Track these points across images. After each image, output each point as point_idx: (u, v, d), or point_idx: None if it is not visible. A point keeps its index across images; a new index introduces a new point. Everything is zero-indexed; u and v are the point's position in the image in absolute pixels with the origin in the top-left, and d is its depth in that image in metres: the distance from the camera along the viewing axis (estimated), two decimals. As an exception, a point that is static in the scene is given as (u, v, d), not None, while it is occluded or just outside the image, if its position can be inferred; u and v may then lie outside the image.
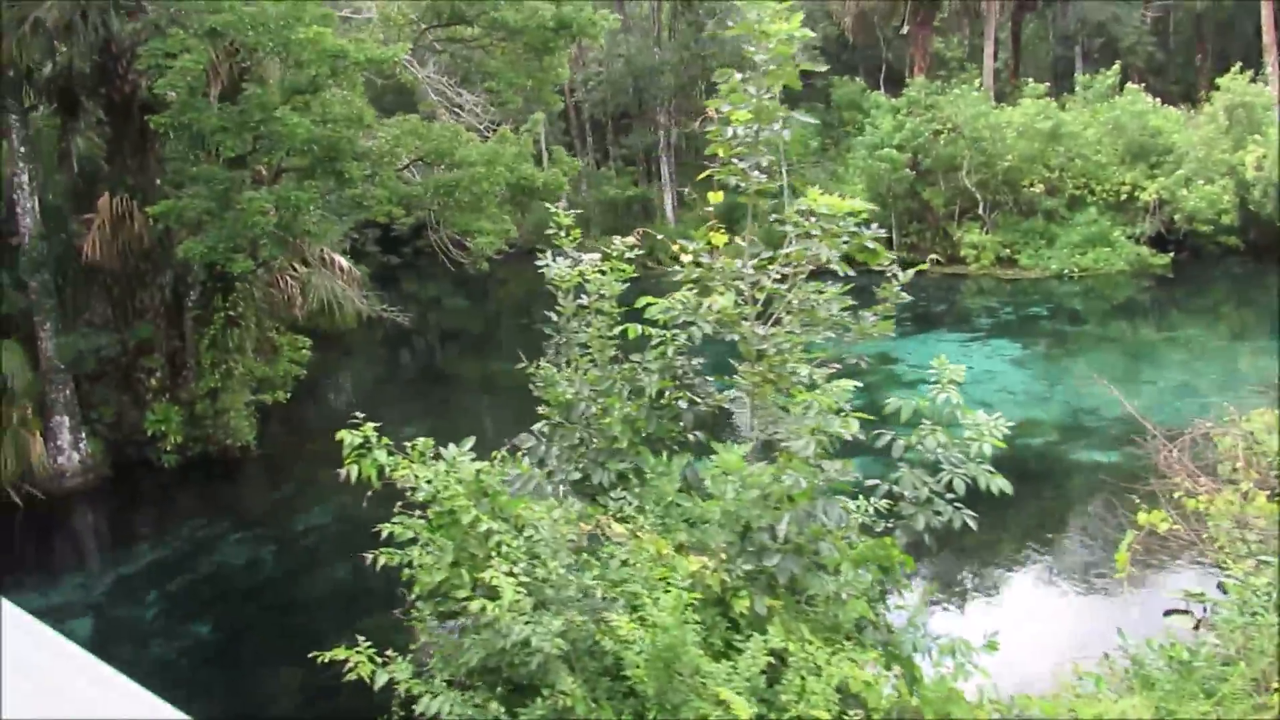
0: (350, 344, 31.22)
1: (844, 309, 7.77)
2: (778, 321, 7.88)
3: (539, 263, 8.26)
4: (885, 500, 7.73)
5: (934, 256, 36.92)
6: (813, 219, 7.87)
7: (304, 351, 24.11)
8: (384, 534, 5.77)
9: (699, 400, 7.92)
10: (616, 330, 8.21)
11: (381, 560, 5.62)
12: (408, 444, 6.40)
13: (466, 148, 18.07)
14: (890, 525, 7.71)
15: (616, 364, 8.13)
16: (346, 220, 19.60)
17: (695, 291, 8.08)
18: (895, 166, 38.93)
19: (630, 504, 6.86)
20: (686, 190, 50.88)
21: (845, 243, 7.54)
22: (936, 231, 41.65)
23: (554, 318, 8.40)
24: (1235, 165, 36.15)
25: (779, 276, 7.98)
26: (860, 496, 7.96)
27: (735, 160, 8.03)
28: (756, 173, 8.04)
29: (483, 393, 30.02)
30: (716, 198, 8.39)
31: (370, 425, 6.13)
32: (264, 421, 22.45)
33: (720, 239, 8.12)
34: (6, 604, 2.48)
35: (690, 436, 7.98)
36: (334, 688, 13.32)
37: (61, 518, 19.71)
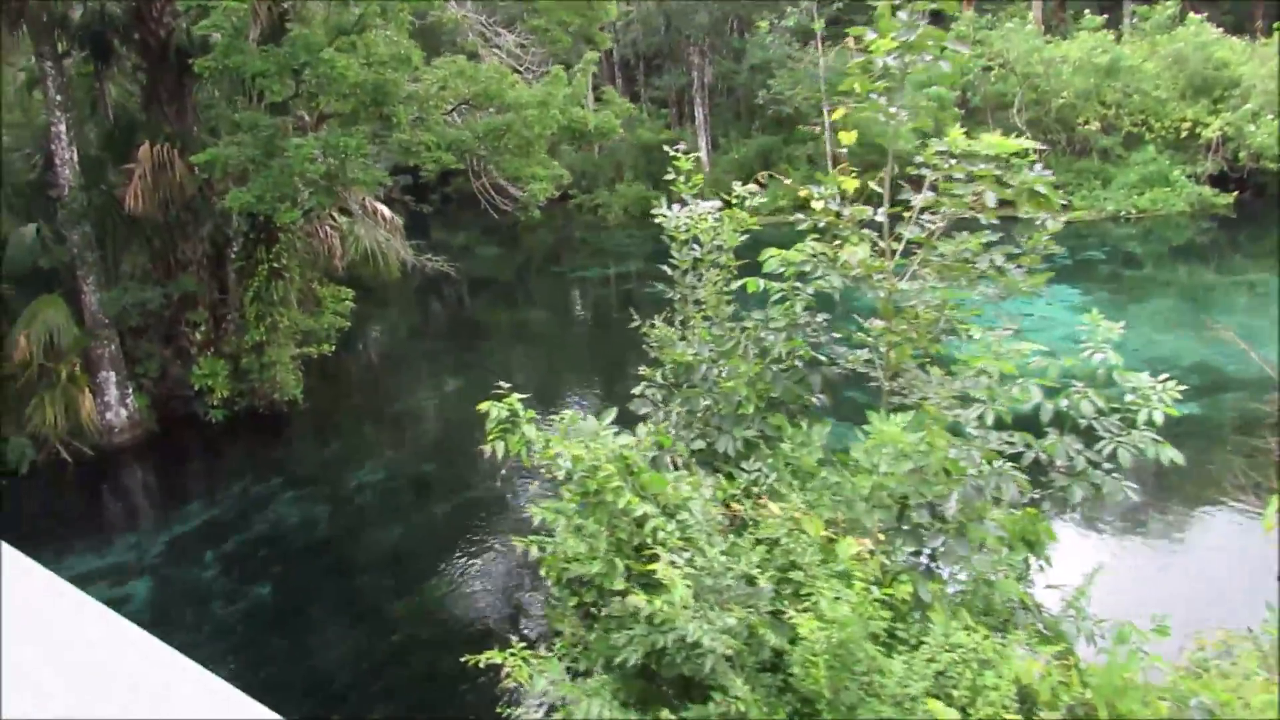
0: (385, 294, 30.63)
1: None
2: (913, 275, 7.15)
3: (655, 212, 7.52)
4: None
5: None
6: (953, 161, 7.07)
7: (347, 303, 23.54)
8: (535, 519, 5.09)
9: (829, 361, 7.22)
10: (735, 285, 7.51)
11: (534, 550, 4.94)
12: (554, 418, 5.72)
13: (517, 90, 17.21)
14: (1035, 497, 7.05)
15: (735, 322, 7.45)
16: (384, 167, 18.78)
17: (822, 242, 7.35)
18: (944, 105, 37.59)
19: (767, 476, 6.22)
20: (723, 133, 49.73)
21: (1009, 187, 6.74)
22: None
23: (668, 271, 7.67)
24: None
25: (919, 225, 7.22)
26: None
27: (873, 95, 7.18)
28: (900, 110, 7.17)
29: (522, 342, 29.46)
30: (849, 138, 7.60)
31: (515, 397, 5.44)
32: (307, 375, 21.98)
33: (852, 184, 7.35)
34: (6, 548, 2.41)
35: (815, 400, 7.30)
36: (401, 652, 13.00)
37: (111, 474, 19.37)
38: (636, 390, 7.96)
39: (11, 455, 18.17)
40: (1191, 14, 38.84)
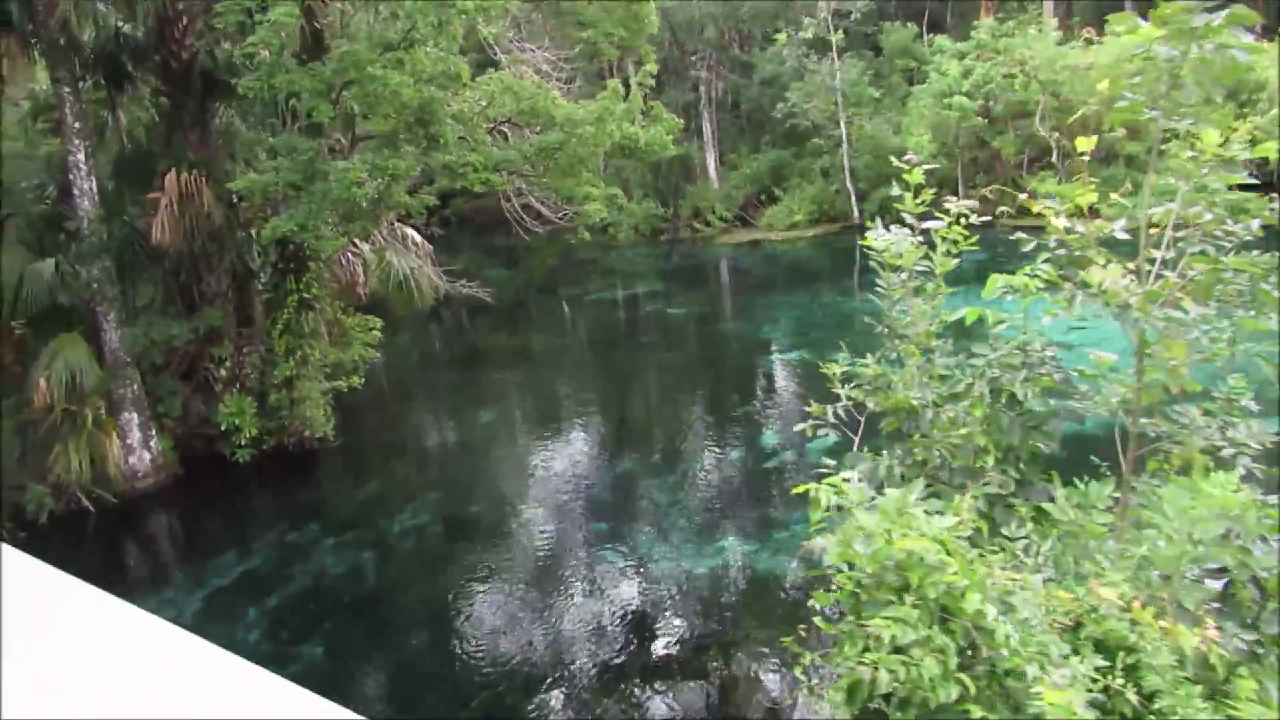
0: (396, 322, 29.49)
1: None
2: (1170, 300, 6.12)
3: (870, 232, 6.49)
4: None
5: (1004, 209, 34.50)
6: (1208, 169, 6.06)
7: (374, 333, 22.40)
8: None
9: (1071, 404, 6.17)
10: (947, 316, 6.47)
11: (884, 677, 3.81)
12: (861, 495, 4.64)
13: (565, 106, 16.20)
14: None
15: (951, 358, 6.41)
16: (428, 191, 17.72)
17: (1057, 266, 6.32)
18: (966, 115, 36.85)
19: (1036, 546, 5.14)
20: (730, 148, 48.87)
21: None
22: (1006, 182, 39.56)
23: (878, 301, 6.62)
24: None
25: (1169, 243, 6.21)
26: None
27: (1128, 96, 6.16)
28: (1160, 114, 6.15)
29: (549, 369, 28.35)
30: (1088, 144, 6.56)
31: (841, 477, 4.36)
32: (336, 410, 20.82)
33: (1090, 196, 6.31)
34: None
35: (1043, 448, 6.23)
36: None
37: (136, 523, 18.13)
38: (804, 426, 6.96)
39: (29, 506, 16.95)
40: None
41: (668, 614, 13.62)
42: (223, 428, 19.25)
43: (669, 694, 11.91)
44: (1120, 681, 3.97)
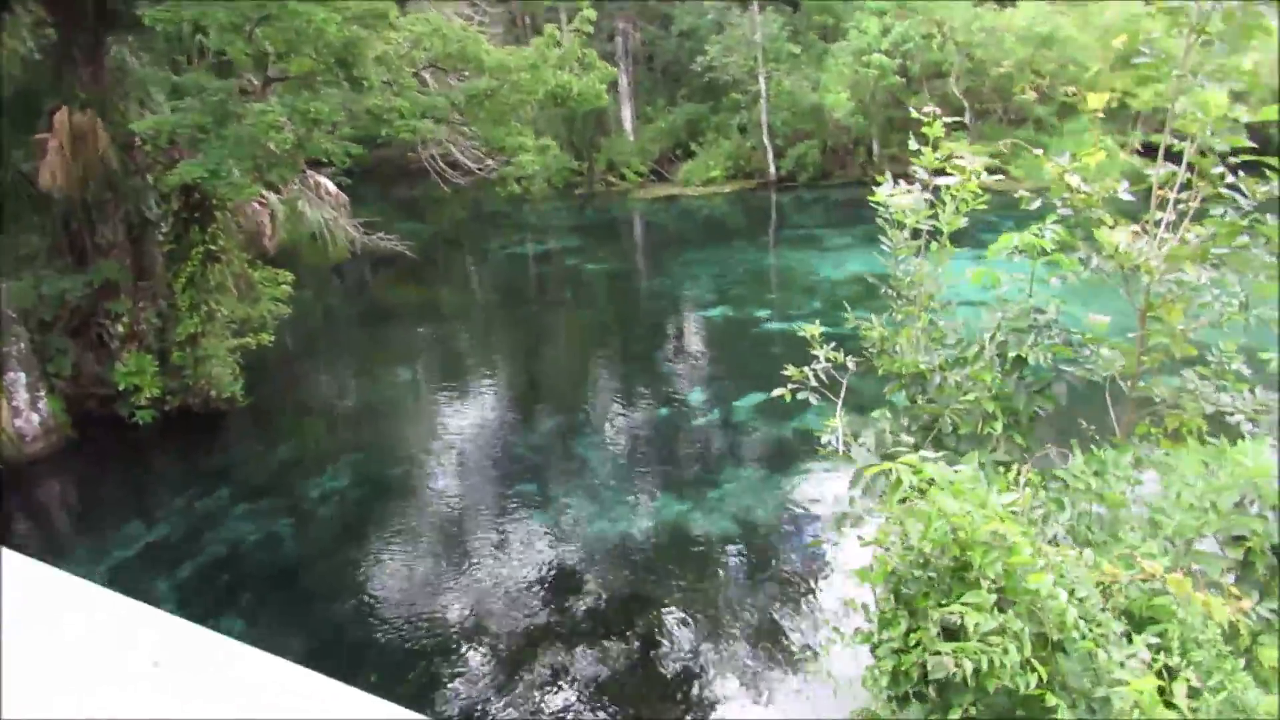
0: (300, 275, 28.18)
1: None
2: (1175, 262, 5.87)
3: (880, 189, 6.08)
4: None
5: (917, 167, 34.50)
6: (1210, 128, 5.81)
7: (285, 288, 21.27)
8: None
9: (1076, 367, 5.88)
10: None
11: (965, 666, 3.41)
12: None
13: (500, 52, 15.36)
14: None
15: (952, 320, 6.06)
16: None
17: (1062, 224, 6.02)
18: (884, 73, 36.87)
19: (1054, 518, 4.84)
20: (647, 102, 48.05)
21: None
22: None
23: (883, 261, 6.22)
24: (1230, 71, 35.07)
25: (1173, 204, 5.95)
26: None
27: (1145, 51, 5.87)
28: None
29: (469, 324, 27.53)
30: (1099, 100, 6.25)
31: (919, 456, 3.92)
32: (244, 368, 19.73)
33: (1098, 155, 6.00)
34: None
35: (1038, 411, 5.97)
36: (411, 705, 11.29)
37: (27, 491, 16.88)
38: (778, 392, 6.59)
39: (-95, 474, 15.65)
40: (1122, -17, 38.94)
41: (596, 574, 13.23)
42: (121, 388, 18.07)
43: (595, 652, 11.56)
44: (1178, 660, 3.70)
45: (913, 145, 6.24)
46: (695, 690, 10.73)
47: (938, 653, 3.57)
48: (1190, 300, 5.61)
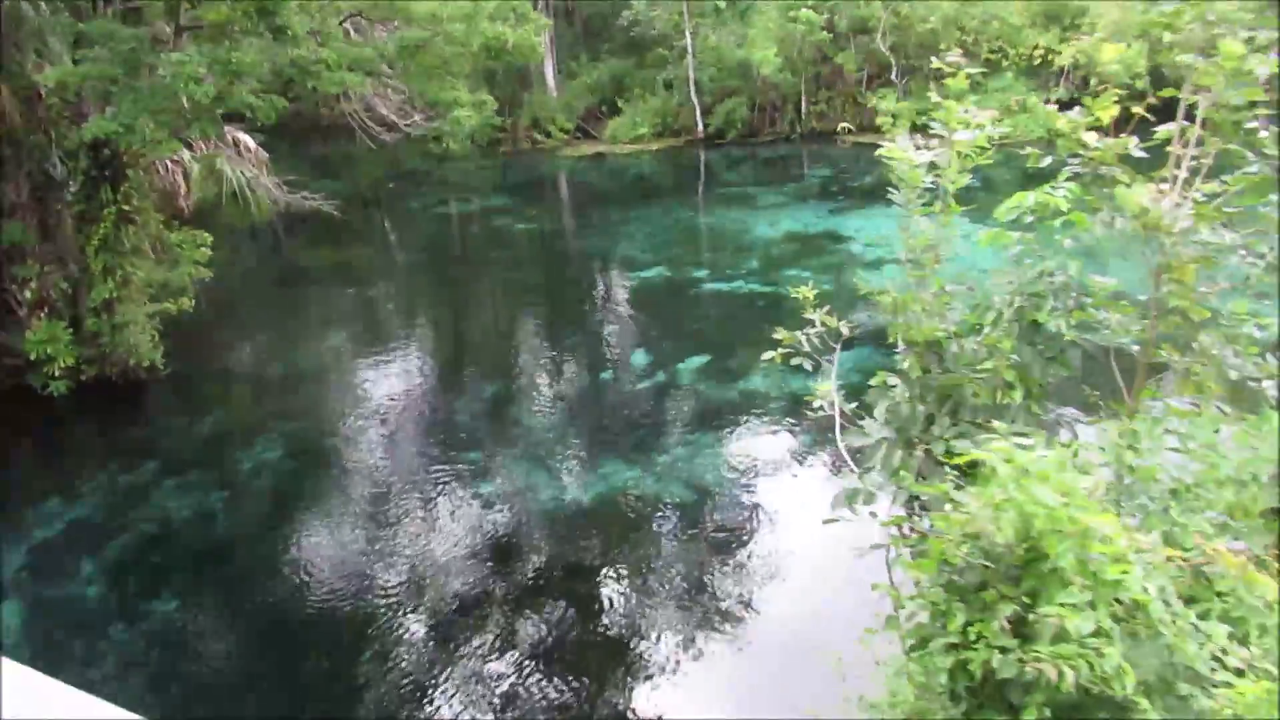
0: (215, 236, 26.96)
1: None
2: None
3: (893, 143, 5.76)
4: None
5: (845, 125, 34.88)
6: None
7: (204, 250, 20.25)
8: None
9: (1092, 332, 5.68)
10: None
11: (1070, 675, 3.14)
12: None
13: (432, 1, 14.60)
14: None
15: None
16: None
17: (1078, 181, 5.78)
18: (811, 29, 36.60)
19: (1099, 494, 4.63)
20: (570, 57, 47.05)
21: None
22: (847, 99, 39.91)
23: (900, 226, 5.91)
24: (1148, 27, 35.69)
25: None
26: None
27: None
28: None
29: (394, 285, 26.68)
30: (1114, 51, 6.01)
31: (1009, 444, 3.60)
32: (164, 335, 18.76)
33: (1111, 111, 5.76)
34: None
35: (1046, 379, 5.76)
36: (358, 681, 10.87)
37: (-70, 471, 15.85)
38: (768, 356, 6.35)
39: None
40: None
41: (547, 546, 12.88)
42: (32, 357, 17.00)
43: (537, 618, 11.29)
44: (1257, 650, 3.52)
45: (933, 98, 5.89)
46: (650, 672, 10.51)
47: (1004, 649, 3.32)
48: (1214, 261, 5.44)
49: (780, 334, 6.44)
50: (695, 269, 25.28)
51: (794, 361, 7.17)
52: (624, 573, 12.12)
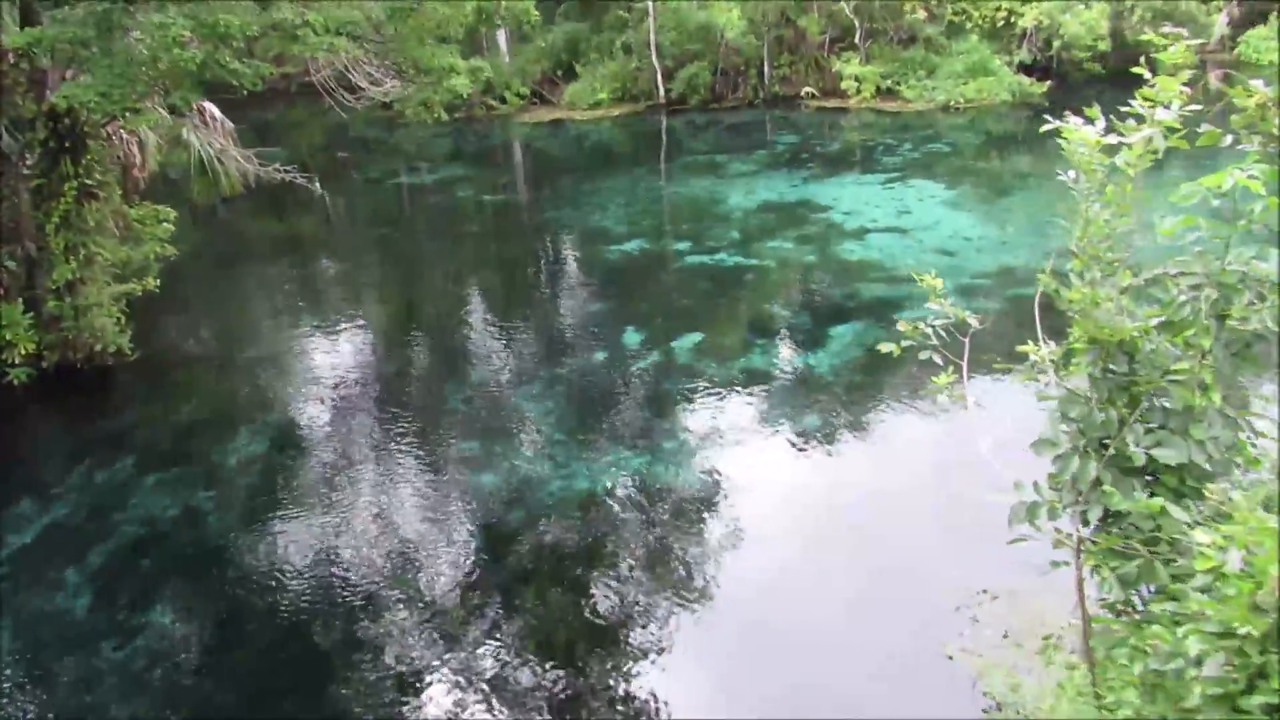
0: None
1: None
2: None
3: (1047, 126, 5.15)
4: None
5: (809, 90, 34.53)
6: None
7: (167, 225, 19.07)
8: None
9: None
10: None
11: None
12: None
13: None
14: None
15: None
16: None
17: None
18: (780, -9, 35.92)
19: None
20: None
21: None
22: (810, 63, 39.34)
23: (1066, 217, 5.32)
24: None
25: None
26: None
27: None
28: None
29: (359, 262, 25.60)
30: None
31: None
32: (129, 318, 17.65)
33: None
34: None
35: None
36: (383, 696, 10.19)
37: (-116, 470, 14.68)
38: (887, 348, 5.82)
39: None
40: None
41: (559, 540, 12.25)
42: (-11, 345, 15.84)
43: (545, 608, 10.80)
44: None
45: (1143, 73, 5.29)
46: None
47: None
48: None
49: (903, 325, 5.88)
50: (674, 241, 24.65)
51: (883, 348, 6.62)
52: (655, 582, 11.60)
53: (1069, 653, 6.89)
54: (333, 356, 18.68)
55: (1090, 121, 5.18)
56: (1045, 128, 5.29)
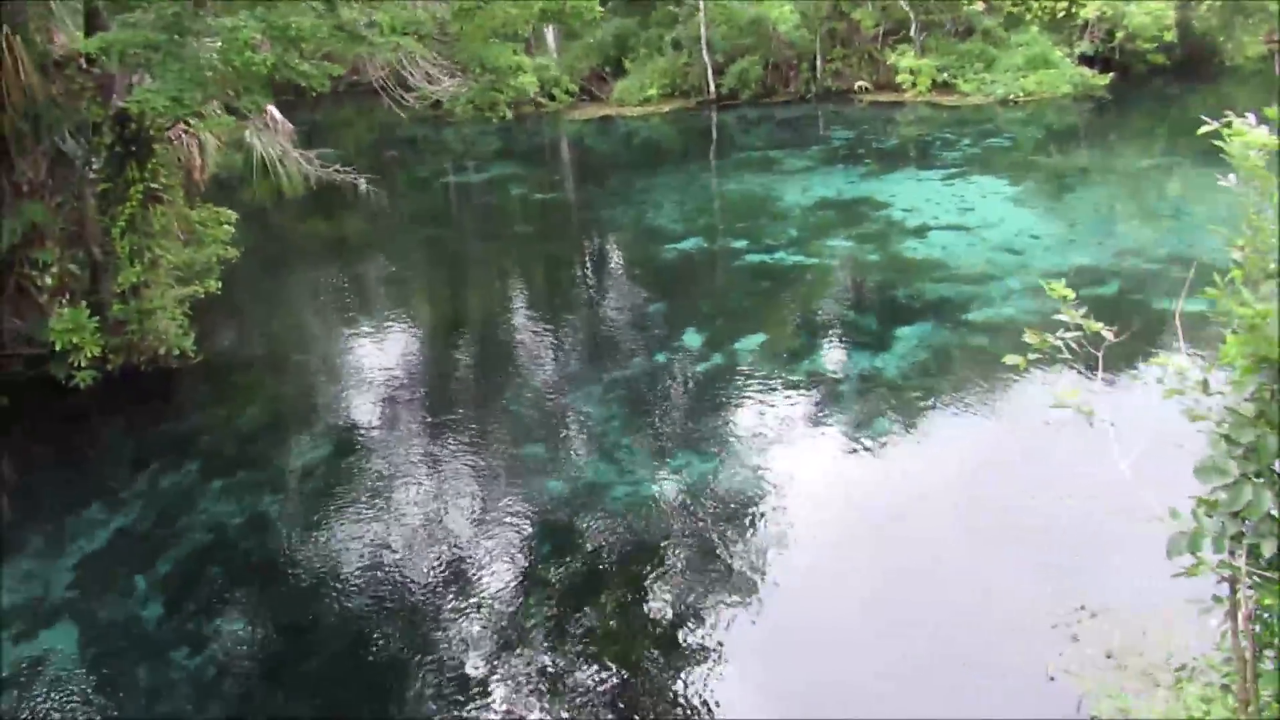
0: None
1: None
2: None
3: (1206, 128, 4.74)
4: None
5: (863, 84, 33.90)
6: None
7: (227, 227, 19.06)
8: None
9: None
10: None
11: None
12: None
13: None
14: None
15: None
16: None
17: None
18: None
19: None
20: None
21: None
22: (863, 56, 38.74)
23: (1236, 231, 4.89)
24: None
25: None
26: None
27: None
28: None
29: (417, 262, 25.56)
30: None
31: None
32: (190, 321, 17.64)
33: None
34: None
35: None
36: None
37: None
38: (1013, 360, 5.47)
39: None
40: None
41: (633, 551, 11.96)
42: (57, 347, 15.85)
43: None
44: None
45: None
46: None
47: None
48: None
49: (1030, 337, 5.49)
50: (733, 239, 24.26)
51: (1009, 360, 6.20)
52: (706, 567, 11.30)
53: (1203, 684, 6.49)
54: (395, 359, 18.58)
55: (1266, 122, 4.76)
56: (1204, 129, 4.86)
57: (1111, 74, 35.72)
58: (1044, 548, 11.01)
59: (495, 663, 10.17)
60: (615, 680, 9.74)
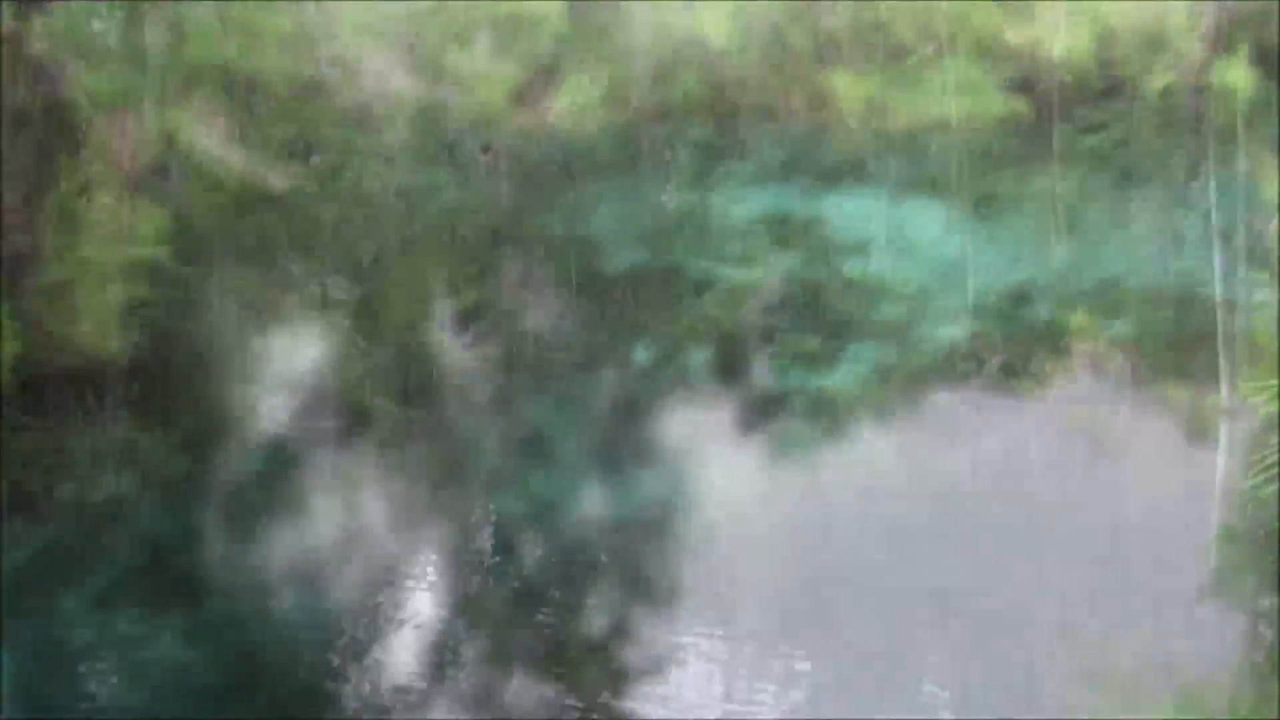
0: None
1: None
2: None
3: None
4: None
5: (796, 102, 33.30)
6: None
7: (159, 225, 18.18)
8: None
9: None
10: None
11: None
12: None
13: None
14: None
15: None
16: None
17: None
18: None
19: None
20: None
21: None
22: (798, 76, 39.02)
23: None
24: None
25: None
26: None
27: None
28: None
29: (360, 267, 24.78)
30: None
31: None
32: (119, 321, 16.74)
33: None
34: None
35: None
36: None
37: None
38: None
39: None
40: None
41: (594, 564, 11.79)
42: (-26, 348, 14.90)
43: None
44: None
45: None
46: None
47: None
48: None
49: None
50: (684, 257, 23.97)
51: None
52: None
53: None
54: (354, 361, 18.07)
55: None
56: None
57: (1034, 101, 36.63)
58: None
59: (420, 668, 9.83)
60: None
